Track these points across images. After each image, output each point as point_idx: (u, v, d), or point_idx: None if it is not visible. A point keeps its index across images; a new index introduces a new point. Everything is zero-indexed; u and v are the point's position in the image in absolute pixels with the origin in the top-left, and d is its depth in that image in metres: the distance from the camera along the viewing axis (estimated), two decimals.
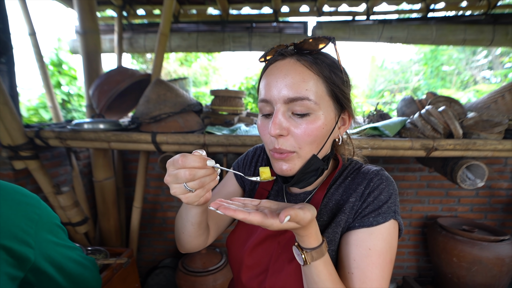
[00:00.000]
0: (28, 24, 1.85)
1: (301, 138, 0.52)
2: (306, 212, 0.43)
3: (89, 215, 1.82)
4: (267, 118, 0.56)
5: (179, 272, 1.89)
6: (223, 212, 0.41)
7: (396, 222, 0.55)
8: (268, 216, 0.42)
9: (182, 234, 0.60)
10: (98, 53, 1.80)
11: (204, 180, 0.46)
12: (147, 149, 1.46)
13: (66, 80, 3.74)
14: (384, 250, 0.52)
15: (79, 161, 1.93)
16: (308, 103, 0.51)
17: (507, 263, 1.68)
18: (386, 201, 0.54)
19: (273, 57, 0.56)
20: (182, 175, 0.44)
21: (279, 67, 0.53)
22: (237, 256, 0.64)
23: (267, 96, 0.53)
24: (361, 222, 0.54)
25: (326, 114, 0.53)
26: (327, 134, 0.55)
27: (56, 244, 0.60)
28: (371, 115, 1.78)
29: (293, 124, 0.52)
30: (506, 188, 2.14)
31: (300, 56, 0.53)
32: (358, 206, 0.56)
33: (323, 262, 0.48)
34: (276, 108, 0.52)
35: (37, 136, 1.44)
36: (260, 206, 0.48)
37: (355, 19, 2.35)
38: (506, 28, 2.13)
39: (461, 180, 1.36)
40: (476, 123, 1.33)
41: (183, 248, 0.64)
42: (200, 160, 0.44)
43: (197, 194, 0.46)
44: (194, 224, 0.56)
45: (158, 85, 1.52)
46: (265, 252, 0.61)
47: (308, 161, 0.54)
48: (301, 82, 0.51)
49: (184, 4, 2.43)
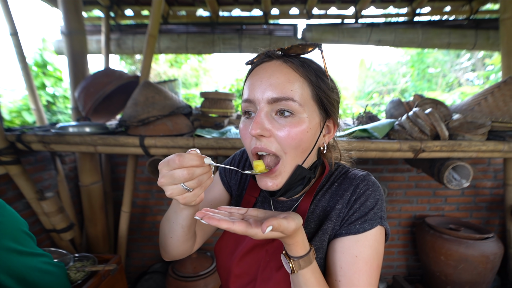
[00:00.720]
0: (9, 24, 1.79)
1: (285, 141, 0.50)
2: (290, 222, 0.43)
3: (75, 221, 1.77)
4: (249, 119, 0.54)
5: (169, 277, 1.86)
6: (207, 222, 0.41)
7: (383, 228, 0.55)
8: (253, 225, 0.42)
9: (170, 239, 0.58)
10: (84, 54, 1.76)
11: (202, 178, 0.45)
12: (135, 153, 1.43)
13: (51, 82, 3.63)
14: (371, 257, 0.52)
15: (64, 165, 1.88)
16: (292, 104, 0.49)
17: (491, 260, 1.72)
18: (373, 207, 0.54)
19: (259, 59, 0.55)
20: (179, 175, 0.43)
21: (265, 68, 0.52)
22: (225, 265, 0.63)
23: (250, 96, 0.52)
24: (348, 230, 0.53)
25: (311, 118, 0.52)
26: (312, 140, 0.54)
27: (19, 253, 0.57)
28: (360, 117, 1.81)
29: (276, 126, 0.50)
30: (489, 187, 2.21)
31: (287, 58, 0.53)
32: (344, 213, 0.55)
33: (311, 270, 0.48)
34: (259, 107, 0.51)
35: (19, 140, 1.39)
36: (247, 215, 0.47)
37: (344, 22, 2.39)
38: (487, 33, 2.20)
39: (447, 180, 1.39)
40: (461, 125, 1.37)
41: (169, 254, 0.62)
42: (198, 158, 0.44)
43: (195, 193, 0.45)
44: (185, 227, 0.55)
45: (147, 88, 1.50)
46: (253, 261, 0.60)
47: (293, 173, 0.53)
48: (286, 83, 0.50)
49: (173, 5, 2.40)
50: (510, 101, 1.36)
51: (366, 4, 2.21)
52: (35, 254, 0.60)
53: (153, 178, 2.01)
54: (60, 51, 2.42)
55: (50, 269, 0.62)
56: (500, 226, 2.25)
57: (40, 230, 1.66)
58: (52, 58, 3.66)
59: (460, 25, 2.32)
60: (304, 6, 2.34)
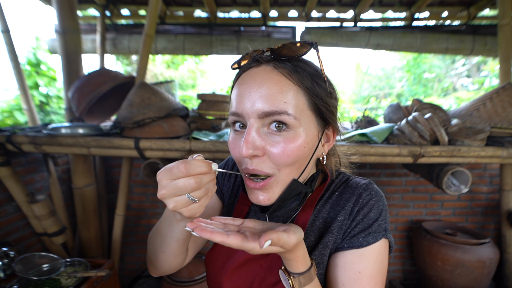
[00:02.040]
0: (1, 21, 1.74)
1: (280, 159, 0.45)
2: (291, 236, 0.40)
3: (68, 224, 1.72)
4: (238, 132, 0.49)
5: (163, 282, 1.82)
6: (199, 234, 0.37)
7: (387, 240, 0.52)
8: (249, 239, 0.38)
9: (162, 254, 0.54)
10: (79, 54, 1.73)
11: (209, 186, 0.41)
12: (130, 155, 1.40)
13: (45, 81, 3.57)
14: (376, 272, 0.49)
15: (57, 167, 1.83)
16: (286, 118, 0.44)
17: (487, 265, 1.73)
18: (377, 219, 0.51)
19: (247, 63, 0.49)
20: (185, 184, 0.38)
21: (253, 75, 0.46)
22: (215, 279, 0.58)
23: (238, 109, 0.46)
24: (350, 243, 0.50)
25: (308, 131, 0.47)
26: (309, 153, 0.49)
27: None
28: (359, 121, 1.80)
29: (269, 143, 0.45)
30: (485, 192, 2.22)
31: (278, 63, 0.46)
32: (347, 225, 0.52)
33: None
34: (249, 124, 0.45)
35: (9, 141, 1.34)
36: (243, 227, 0.44)
37: (343, 26, 2.39)
38: (485, 39, 2.22)
39: (446, 186, 1.39)
40: (460, 130, 1.37)
41: (159, 270, 0.58)
42: (206, 165, 0.39)
43: (201, 204, 0.41)
44: (180, 240, 0.50)
45: (142, 89, 1.47)
46: (247, 276, 0.55)
47: (288, 187, 0.48)
48: (278, 94, 0.44)
49: (171, 5, 2.38)
50: (508, 107, 1.36)
51: (365, 7, 2.21)
52: None
53: (148, 181, 1.97)
54: (54, 50, 2.37)
55: None
56: (495, 230, 2.26)
57: (31, 233, 1.62)
58: (45, 57, 3.60)
59: (458, 30, 2.34)
60: (303, 9, 2.34)
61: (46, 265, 1.31)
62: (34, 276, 1.21)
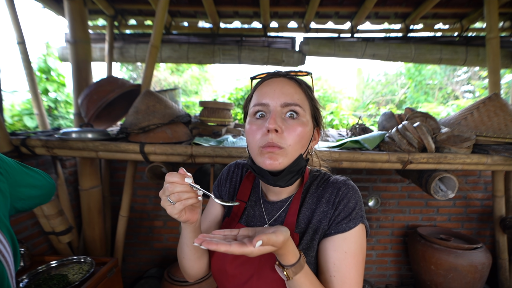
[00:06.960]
0: (17, 33, 1.86)
1: (292, 137, 0.60)
2: (279, 235, 0.48)
3: (74, 224, 1.80)
4: (260, 119, 0.63)
5: (164, 282, 1.88)
6: (206, 246, 0.45)
7: (364, 225, 0.63)
8: (247, 244, 0.46)
9: (183, 259, 0.67)
10: (88, 63, 1.82)
11: (181, 195, 0.52)
12: (135, 159, 1.48)
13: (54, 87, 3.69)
14: (358, 251, 0.60)
15: (64, 169, 1.92)
16: (299, 109, 0.62)
17: (479, 270, 1.76)
18: (354, 207, 0.62)
19: (267, 75, 0.68)
20: (165, 188, 0.53)
21: (275, 81, 0.65)
22: (220, 266, 0.67)
23: (265, 100, 0.62)
24: (336, 229, 0.61)
25: (309, 122, 0.64)
26: (308, 139, 0.65)
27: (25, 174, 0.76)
28: (353, 128, 1.87)
29: (285, 125, 0.61)
30: (480, 199, 2.26)
31: (289, 78, 0.67)
32: (331, 214, 0.63)
33: (304, 274, 0.54)
34: (274, 110, 0.61)
35: (23, 145, 1.44)
36: (239, 235, 0.52)
37: (340, 36, 2.48)
38: (477, 50, 2.29)
39: (434, 191, 1.45)
40: (448, 138, 1.43)
41: (188, 275, 0.71)
42: (179, 177, 0.52)
43: (175, 207, 0.53)
44: (190, 246, 0.63)
45: (148, 96, 1.56)
46: (248, 263, 0.64)
47: (295, 160, 0.62)
48: (294, 93, 0.63)
49: (176, 16, 2.49)
50: (494, 116, 1.43)
51: (362, 19, 2.30)
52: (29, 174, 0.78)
53: (152, 184, 2.05)
54: (64, 57, 2.48)
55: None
56: (491, 237, 2.29)
57: (39, 232, 1.69)
58: (55, 64, 3.73)
59: (451, 41, 2.41)
60: (302, 20, 2.43)
61: (55, 262, 1.39)
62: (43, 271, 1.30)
